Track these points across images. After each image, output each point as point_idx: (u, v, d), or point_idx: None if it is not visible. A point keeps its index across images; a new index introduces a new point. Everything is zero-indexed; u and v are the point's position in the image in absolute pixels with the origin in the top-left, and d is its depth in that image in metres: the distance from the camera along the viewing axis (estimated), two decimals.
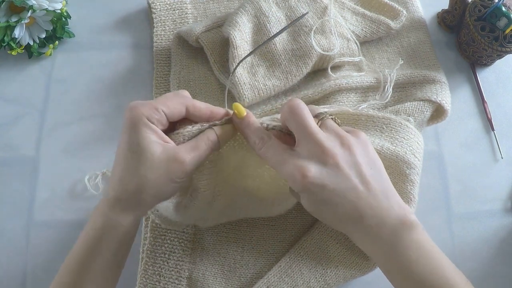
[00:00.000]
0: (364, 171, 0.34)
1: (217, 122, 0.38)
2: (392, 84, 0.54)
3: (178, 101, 0.36)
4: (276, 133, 0.37)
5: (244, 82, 0.54)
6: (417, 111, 0.53)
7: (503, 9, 0.56)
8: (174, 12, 0.62)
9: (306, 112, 0.35)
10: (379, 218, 0.34)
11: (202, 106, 0.37)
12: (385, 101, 0.54)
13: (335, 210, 0.34)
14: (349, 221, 0.35)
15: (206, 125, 0.37)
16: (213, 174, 0.40)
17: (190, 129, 0.37)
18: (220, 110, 0.38)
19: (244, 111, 0.37)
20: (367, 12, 0.61)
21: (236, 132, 0.38)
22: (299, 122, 0.34)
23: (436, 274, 0.34)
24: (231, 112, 0.38)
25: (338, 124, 0.37)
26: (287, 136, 0.37)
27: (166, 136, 0.36)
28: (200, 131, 0.37)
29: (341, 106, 0.52)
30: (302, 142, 0.34)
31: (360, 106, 0.52)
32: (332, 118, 0.37)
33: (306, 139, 0.34)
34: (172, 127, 0.37)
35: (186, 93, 0.38)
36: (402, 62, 0.57)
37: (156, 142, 0.34)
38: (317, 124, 0.35)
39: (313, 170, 0.33)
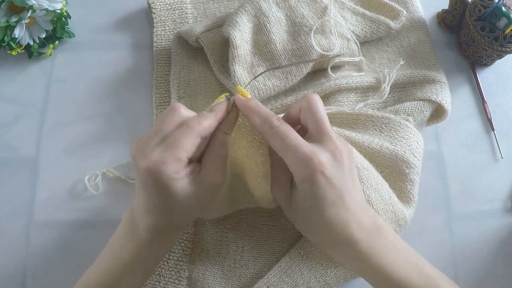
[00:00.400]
0: (355, 177, 0.37)
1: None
2: (391, 83, 0.54)
3: (190, 137, 0.34)
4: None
5: (244, 82, 0.54)
6: (416, 110, 0.53)
7: (503, 9, 0.56)
8: (174, 12, 0.62)
9: (323, 109, 0.37)
10: (360, 223, 0.36)
11: (210, 123, 0.36)
12: (382, 100, 0.54)
13: (327, 209, 0.35)
14: (336, 225, 0.35)
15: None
16: None
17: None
18: (222, 107, 0.38)
19: (248, 94, 0.38)
20: (367, 12, 0.61)
21: (238, 116, 0.39)
22: (319, 117, 0.36)
23: (415, 272, 0.36)
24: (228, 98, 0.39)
25: None
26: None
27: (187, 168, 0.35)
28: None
29: (339, 107, 0.52)
30: (317, 135, 0.36)
31: (357, 106, 0.52)
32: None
33: (322, 132, 0.36)
34: None
35: (180, 108, 0.36)
36: (403, 62, 0.57)
37: (187, 185, 0.35)
38: None
39: (327, 160, 0.34)
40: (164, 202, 0.34)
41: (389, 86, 0.54)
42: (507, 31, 0.57)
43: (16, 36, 0.56)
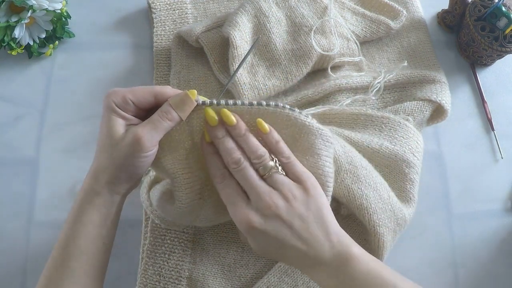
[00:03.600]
0: (303, 218, 0.37)
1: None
2: (383, 81, 0.54)
3: (146, 91, 0.39)
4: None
5: (244, 82, 0.54)
6: (416, 110, 0.53)
7: (503, 9, 0.56)
8: (174, 12, 0.62)
9: (249, 170, 0.37)
10: (319, 258, 0.37)
11: (168, 91, 0.39)
12: (369, 97, 0.54)
13: (279, 251, 0.37)
14: (294, 260, 0.38)
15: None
16: (187, 160, 0.40)
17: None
18: (187, 98, 0.39)
19: (216, 121, 0.38)
20: (367, 12, 0.61)
21: (192, 101, 0.39)
22: (245, 178, 0.37)
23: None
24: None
25: (284, 174, 0.38)
26: None
27: (133, 118, 0.38)
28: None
29: (325, 106, 0.52)
30: (249, 194, 0.37)
31: (344, 102, 0.52)
32: (280, 171, 0.38)
33: (251, 192, 0.37)
34: (145, 115, 0.39)
35: (168, 88, 0.39)
36: (406, 63, 0.56)
37: (122, 125, 0.38)
38: (263, 175, 0.37)
39: (257, 220, 0.36)
40: (107, 146, 0.38)
41: (380, 84, 0.54)
42: (507, 31, 0.57)
43: (16, 36, 0.56)
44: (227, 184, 0.38)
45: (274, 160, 0.38)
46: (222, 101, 0.38)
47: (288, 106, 0.39)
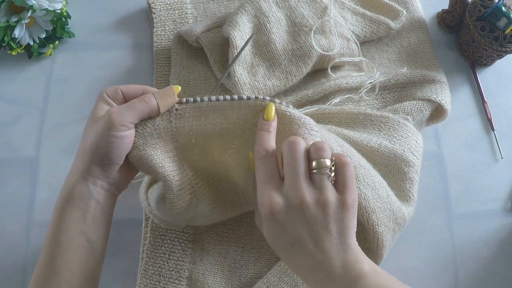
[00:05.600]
0: (327, 227, 0.35)
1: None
2: (377, 82, 0.54)
3: (137, 86, 0.41)
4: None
5: (244, 82, 0.54)
6: (415, 110, 0.53)
7: (503, 9, 0.56)
8: (174, 12, 0.62)
9: (300, 155, 0.36)
10: (330, 273, 0.34)
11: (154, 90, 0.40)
12: (357, 96, 0.54)
13: (290, 250, 0.35)
14: (301, 268, 0.36)
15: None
16: (178, 161, 0.40)
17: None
18: (169, 95, 0.40)
19: (273, 116, 0.38)
20: (367, 12, 0.61)
21: (174, 98, 0.39)
22: (294, 159, 0.35)
23: None
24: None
25: (332, 181, 0.36)
26: None
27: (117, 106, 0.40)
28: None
29: (315, 106, 0.52)
30: (286, 179, 0.35)
31: (333, 101, 0.52)
32: (331, 175, 0.36)
33: (291, 177, 0.35)
34: None
35: (151, 88, 0.41)
36: (405, 70, 0.56)
37: (105, 109, 0.39)
38: (313, 169, 0.35)
39: (281, 208, 0.35)
40: (90, 116, 0.39)
41: (371, 84, 0.54)
42: (507, 31, 0.57)
43: (16, 36, 0.56)
44: (267, 161, 0.36)
45: (332, 163, 0.36)
46: (204, 98, 0.39)
47: (268, 98, 0.39)
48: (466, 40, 0.61)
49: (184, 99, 0.39)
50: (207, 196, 0.43)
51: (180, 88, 0.39)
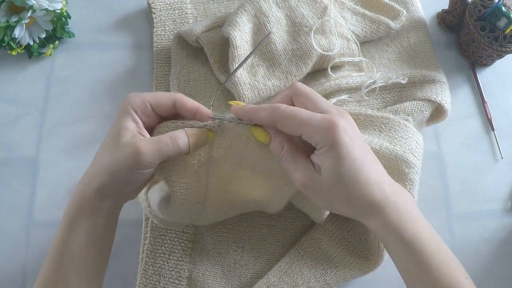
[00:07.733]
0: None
1: (199, 122, 0.37)
2: (378, 84, 0.54)
3: (166, 95, 0.37)
4: None
5: (244, 82, 0.54)
6: (416, 110, 0.53)
7: (503, 9, 0.56)
8: (174, 12, 0.62)
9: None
10: (389, 185, 0.37)
11: (188, 102, 0.38)
12: (359, 95, 0.54)
13: (358, 168, 0.35)
14: (371, 184, 0.36)
15: (189, 122, 0.37)
16: (201, 176, 0.39)
17: (170, 124, 0.37)
18: (206, 110, 0.38)
19: (242, 103, 0.38)
20: (367, 12, 0.61)
21: (208, 140, 0.37)
22: (312, 96, 0.37)
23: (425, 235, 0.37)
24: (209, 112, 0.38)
25: None
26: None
27: (144, 130, 0.37)
28: (178, 128, 0.37)
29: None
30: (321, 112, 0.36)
31: (333, 101, 0.52)
32: None
33: (324, 108, 0.36)
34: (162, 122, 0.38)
35: (181, 95, 0.38)
36: (405, 81, 0.56)
37: (130, 130, 0.36)
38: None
39: (344, 121, 0.35)
40: (109, 149, 0.36)
41: (370, 86, 0.54)
42: (507, 31, 0.57)
43: (16, 36, 0.56)
44: (291, 107, 0.36)
45: None
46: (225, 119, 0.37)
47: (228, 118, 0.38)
48: (466, 40, 0.61)
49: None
50: (214, 203, 0.43)
51: (213, 135, 0.37)
